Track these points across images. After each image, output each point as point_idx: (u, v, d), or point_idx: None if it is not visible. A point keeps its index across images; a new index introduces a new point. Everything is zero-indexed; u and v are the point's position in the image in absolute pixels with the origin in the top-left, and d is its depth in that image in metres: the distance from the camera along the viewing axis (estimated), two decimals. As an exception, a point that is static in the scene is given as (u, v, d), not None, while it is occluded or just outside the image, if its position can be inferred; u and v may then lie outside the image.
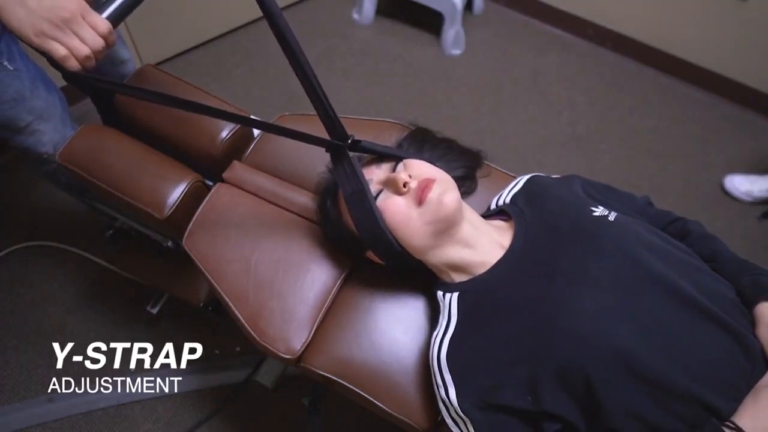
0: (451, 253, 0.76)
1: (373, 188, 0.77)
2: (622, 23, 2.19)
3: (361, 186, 0.75)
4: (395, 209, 0.73)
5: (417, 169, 0.76)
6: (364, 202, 0.75)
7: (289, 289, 0.89)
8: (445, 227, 0.74)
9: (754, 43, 1.97)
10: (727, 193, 1.92)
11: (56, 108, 1.07)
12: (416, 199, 0.72)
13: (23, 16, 0.64)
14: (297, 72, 0.72)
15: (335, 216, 0.83)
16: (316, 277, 0.90)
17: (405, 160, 0.79)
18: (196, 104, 0.73)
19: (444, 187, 0.73)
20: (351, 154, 0.78)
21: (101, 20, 0.69)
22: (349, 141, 0.77)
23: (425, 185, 0.72)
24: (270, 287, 0.89)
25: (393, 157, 0.81)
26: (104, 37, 0.69)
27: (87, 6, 0.68)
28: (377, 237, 0.76)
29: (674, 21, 2.07)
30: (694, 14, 2.00)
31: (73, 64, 0.68)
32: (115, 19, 0.73)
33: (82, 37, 0.67)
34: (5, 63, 0.94)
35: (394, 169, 0.79)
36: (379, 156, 0.82)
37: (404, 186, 0.73)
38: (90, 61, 0.69)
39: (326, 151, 0.81)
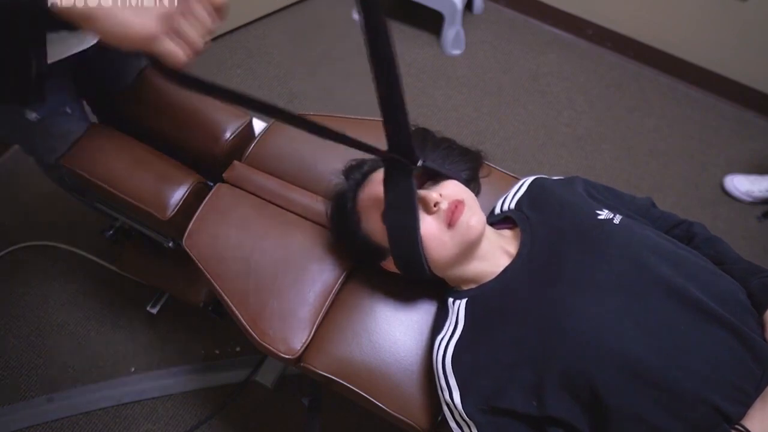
0: (470, 268, 0.78)
1: None
2: (622, 23, 2.19)
3: (414, 214, 0.74)
4: (431, 233, 0.74)
5: (446, 188, 0.77)
6: (410, 229, 0.74)
7: (289, 289, 0.89)
8: (470, 248, 0.76)
9: (754, 43, 1.97)
10: (727, 193, 1.91)
11: (83, 132, 1.08)
12: (446, 220, 0.73)
13: (124, 14, 0.48)
14: (378, 70, 0.62)
15: (353, 224, 0.82)
16: (316, 277, 0.90)
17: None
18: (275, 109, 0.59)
19: (472, 210, 0.75)
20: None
21: None
22: (419, 164, 0.73)
23: (455, 207, 0.73)
24: (270, 287, 0.89)
25: (443, 175, 0.80)
26: (220, 8, 0.53)
27: None
28: (410, 257, 0.76)
29: (674, 21, 2.07)
30: (694, 14, 2.00)
31: (182, 60, 0.52)
32: None
33: (200, 18, 0.52)
34: (67, 108, 0.95)
35: (421, 184, 0.79)
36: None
37: (434, 206, 0.74)
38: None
39: (383, 161, 0.76)
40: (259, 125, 1.16)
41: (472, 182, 0.90)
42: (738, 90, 2.11)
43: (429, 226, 0.74)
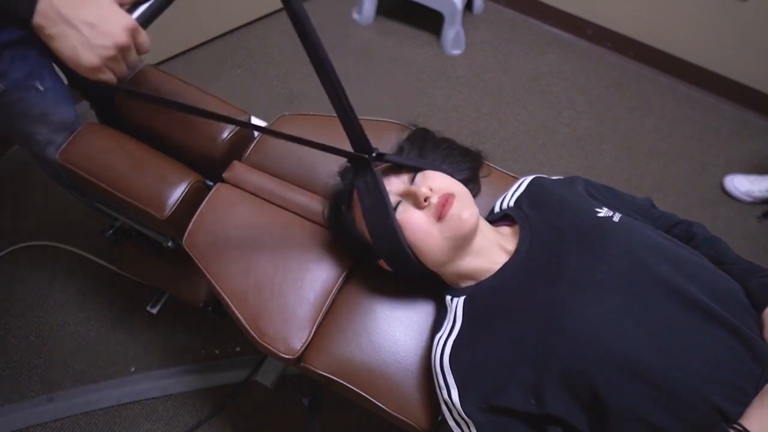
0: (465, 264, 0.77)
1: (392, 199, 0.77)
2: (622, 23, 2.19)
3: (384, 201, 0.74)
4: (416, 226, 0.74)
5: (436, 182, 0.76)
6: (385, 217, 0.74)
7: (289, 289, 0.89)
8: (463, 242, 0.75)
9: (754, 43, 1.97)
10: (727, 193, 1.92)
11: (72, 119, 1.07)
12: (436, 214, 0.73)
13: (78, 47, 0.60)
14: (322, 79, 0.70)
15: (349, 223, 0.82)
16: (316, 277, 0.90)
17: (424, 171, 0.78)
18: (228, 118, 0.73)
19: (463, 203, 0.74)
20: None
21: (146, 39, 0.66)
22: (374, 154, 0.76)
23: (445, 200, 0.73)
24: (270, 287, 0.89)
25: (413, 167, 0.80)
26: (143, 53, 0.67)
27: (136, 24, 0.65)
28: (395, 251, 0.76)
29: (674, 21, 2.07)
30: (694, 14, 2.00)
31: (113, 82, 0.66)
32: (145, 22, 0.71)
33: (128, 59, 0.65)
34: (37, 84, 0.94)
35: (412, 179, 0.78)
36: (399, 166, 0.81)
37: (425, 200, 0.74)
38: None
39: (348, 161, 0.80)
40: (259, 125, 1.17)
41: (472, 182, 0.90)
42: (738, 90, 2.11)
43: (418, 219, 0.74)
